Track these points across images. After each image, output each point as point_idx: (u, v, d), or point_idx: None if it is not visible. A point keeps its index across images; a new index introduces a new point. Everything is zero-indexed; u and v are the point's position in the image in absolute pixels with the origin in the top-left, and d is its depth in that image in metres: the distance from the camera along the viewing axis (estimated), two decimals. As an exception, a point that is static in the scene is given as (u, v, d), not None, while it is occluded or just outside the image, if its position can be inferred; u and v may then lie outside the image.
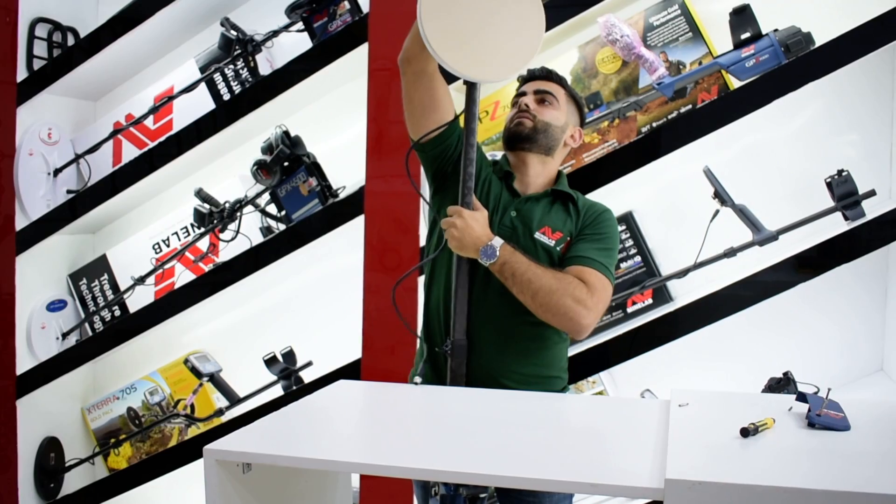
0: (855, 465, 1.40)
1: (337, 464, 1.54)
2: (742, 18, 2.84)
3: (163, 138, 3.58)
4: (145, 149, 3.64)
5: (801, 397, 1.68)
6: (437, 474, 1.48)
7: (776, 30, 2.83)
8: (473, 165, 2.25)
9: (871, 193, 2.78)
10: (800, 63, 2.76)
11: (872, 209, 2.81)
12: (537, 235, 2.32)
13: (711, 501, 1.28)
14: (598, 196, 2.92)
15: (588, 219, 2.38)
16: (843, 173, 2.79)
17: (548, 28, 2.96)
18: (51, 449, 3.76)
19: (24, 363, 3.66)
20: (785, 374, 2.88)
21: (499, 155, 3.12)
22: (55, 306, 3.77)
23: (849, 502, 1.25)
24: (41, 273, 3.75)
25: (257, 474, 1.59)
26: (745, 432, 1.51)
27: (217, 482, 1.49)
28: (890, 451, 1.48)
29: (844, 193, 2.79)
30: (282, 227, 3.37)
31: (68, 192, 3.75)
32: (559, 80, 2.53)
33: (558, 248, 2.32)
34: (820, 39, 2.78)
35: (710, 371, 3.15)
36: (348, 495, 1.94)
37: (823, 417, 1.59)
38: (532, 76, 2.50)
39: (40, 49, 3.66)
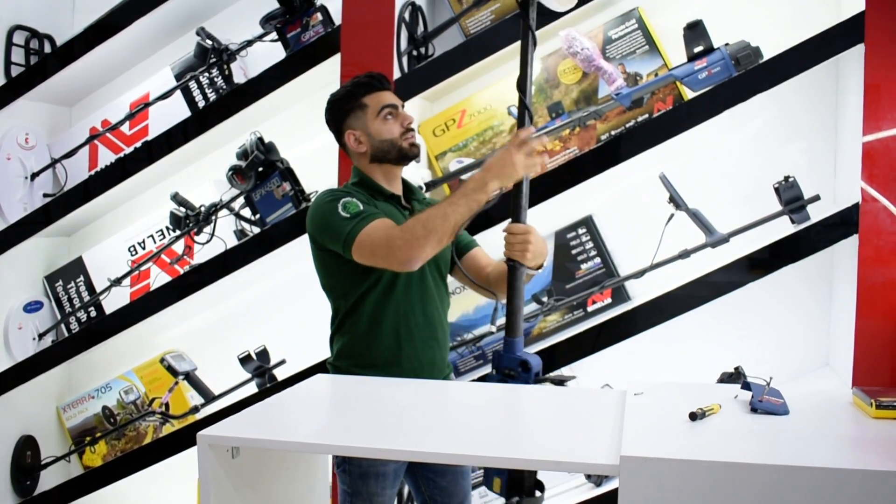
0: (791, 444, 1.53)
1: (314, 446, 1.70)
2: (695, 33, 2.97)
3: (138, 144, 3.66)
4: (120, 154, 3.72)
5: (746, 386, 1.81)
6: (406, 454, 1.60)
7: (727, 44, 2.96)
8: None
9: (816, 198, 2.93)
10: (749, 75, 2.90)
11: (818, 213, 2.94)
12: None
13: (661, 475, 1.40)
14: (560, 201, 3.06)
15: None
16: (790, 179, 2.93)
17: (512, 40, 3.11)
18: (27, 447, 3.82)
19: (1, 363, 3.71)
20: (736, 368, 3.02)
21: (465, 161, 3.26)
22: (32, 307, 3.82)
23: (784, 475, 1.37)
24: (18, 275, 3.81)
25: (245, 458, 1.70)
26: (694, 416, 1.64)
27: (209, 465, 1.60)
28: (823, 432, 1.62)
29: (791, 198, 2.93)
30: (256, 229, 3.46)
31: (45, 195, 3.82)
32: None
33: None
34: (768, 53, 2.92)
35: (666, 366, 3.27)
36: (326, 479, 2.06)
37: (765, 403, 1.73)
38: (383, 86, 2.52)
39: (18, 56, 3.72)
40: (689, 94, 3.05)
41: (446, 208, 2.27)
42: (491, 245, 2.73)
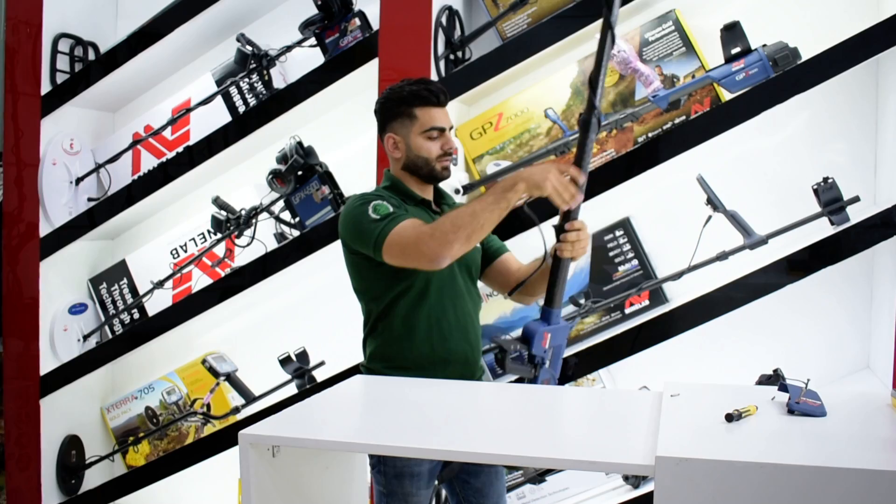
0: (827, 445, 1.53)
1: (351, 445, 1.73)
2: (732, 34, 2.95)
3: (180, 149, 3.73)
4: (162, 158, 3.79)
5: (783, 387, 1.81)
6: (443, 454, 1.63)
7: (765, 45, 2.93)
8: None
9: (855, 199, 2.90)
10: (787, 76, 2.87)
11: (858, 214, 2.92)
12: None
13: (696, 476, 1.41)
14: (597, 203, 3.07)
15: None
16: (829, 180, 2.91)
17: (549, 43, 3.13)
18: (72, 447, 3.90)
19: (46, 364, 3.79)
20: (775, 370, 3.00)
21: (503, 164, 3.28)
22: (76, 309, 3.90)
23: (819, 476, 1.38)
24: (63, 278, 3.88)
25: (285, 457, 1.73)
26: (730, 417, 1.65)
27: (250, 463, 1.64)
28: (859, 434, 1.61)
29: (830, 200, 2.91)
30: (295, 232, 3.50)
31: (89, 199, 3.90)
32: None
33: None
34: (806, 54, 2.89)
35: (704, 369, 3.27)
36: (365, 479, 2.09)
37: (802, 405, 1.73)
38: (439, 101, 2.52)
39: (63, 63, 3.80)
40: (726, 95, 3.04)
41: (475, 206, 2.31)
42: (522, 248, 2.76)
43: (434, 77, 3.20)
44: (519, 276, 2.61)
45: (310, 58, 3.52)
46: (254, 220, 3.54)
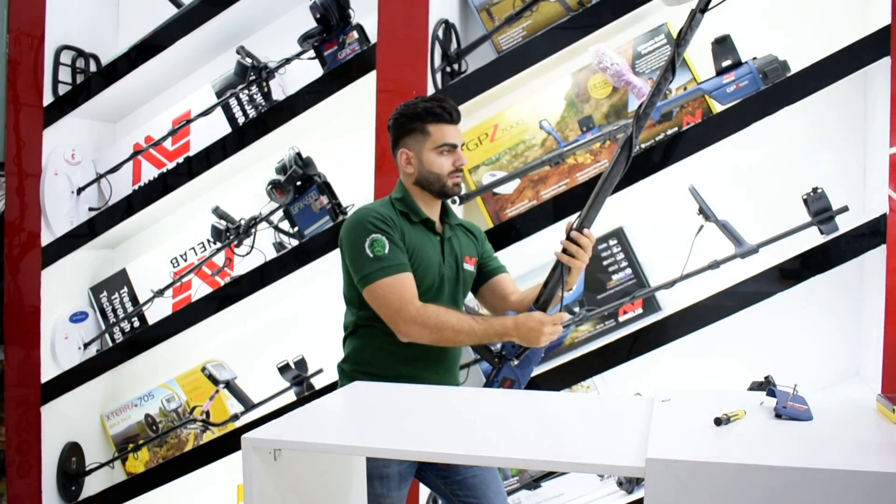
0: (812, 447, 1.57)
1: (350, 448, 1.78)
2: (723, 47, 3.01)
3: (180, 159, 3.76)
4: (163, 169, 3.82)
5: (771, 393, 1.86)
6: (445, 457, 1.67)
7: (755, 58, 2.99)
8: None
9: (844, 209, 2.95)
10: (777, 89, 2.93)
11: (847, 223, 2.96)
12: (466, 266, 2.62)
13: (685, 477, 1.45)
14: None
15: (481, 236, 2.75)
16: (818, 190, 2.96)
17: (544, 56, 3.17)
18: (72, 453, 3.92)
19: (48, 372, 3.82)
20: (766, 377, 3.04)
21: (498, 174, 3.32)
22: (77, 318, 3.93)
23: (803, 477, 1.42)
24: (64, 286, 3.91)
25: (286, 460, 1.77)
26: (719, 421, 1.69)
27: (253, 466, 1.68)
28: (844, 437, 1.65)
29: (819, 209, 2.96)
30: (294, 242, 3.54)
31: (90, 209, 3.93)
32: None
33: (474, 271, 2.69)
34: (795, 67, 2.94)
35: (697, 376, 3.30)
36: (363, 480, 2.14)
37: (789, 409, 1.77)
38: (452, 119, 2.55)
39: (65, 75, 3.84)
40: (717, 107, 3.08)
41: (464, 326, 2.42)
42: (515, 255, 2.80)
43: (430, 89, 3.25)
44: (514, 299, 2.66)
45: (308, 70, 3.56)
46: (253, 230, 3.58)
